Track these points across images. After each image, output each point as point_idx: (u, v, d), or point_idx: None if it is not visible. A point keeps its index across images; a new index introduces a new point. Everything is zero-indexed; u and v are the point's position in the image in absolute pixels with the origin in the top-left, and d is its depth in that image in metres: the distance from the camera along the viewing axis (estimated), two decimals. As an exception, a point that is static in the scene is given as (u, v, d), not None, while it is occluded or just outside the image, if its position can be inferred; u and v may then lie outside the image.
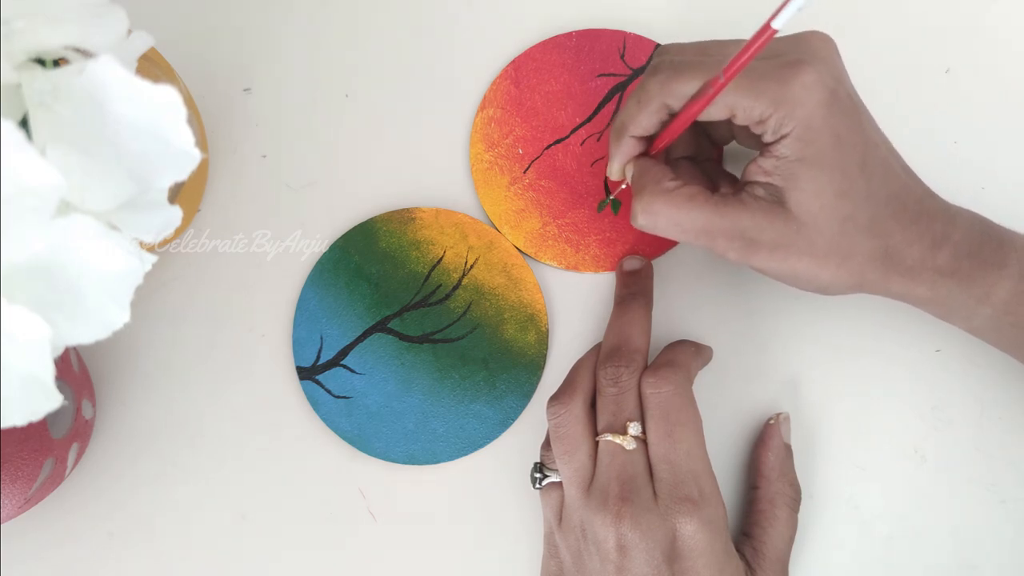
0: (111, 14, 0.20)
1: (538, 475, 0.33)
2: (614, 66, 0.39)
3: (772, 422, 0.35)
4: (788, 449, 0.35)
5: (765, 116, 0.29)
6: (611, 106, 0.39)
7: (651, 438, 0.31)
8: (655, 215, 0.31)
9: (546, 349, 0.37)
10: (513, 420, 0.36)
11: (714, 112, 0.29)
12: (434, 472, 0.36)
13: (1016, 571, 0.35)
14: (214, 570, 0.36)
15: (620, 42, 0.39)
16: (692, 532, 0.29)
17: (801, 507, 0.34)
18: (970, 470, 0.36)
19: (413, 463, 0.36)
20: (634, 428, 0.31)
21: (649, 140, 0.33)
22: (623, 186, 0.35)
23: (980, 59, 0.40)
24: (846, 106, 0.29)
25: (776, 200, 0.30)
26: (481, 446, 0.36)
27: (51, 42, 0.20)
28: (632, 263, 0.37)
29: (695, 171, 0.34)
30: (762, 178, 0.30)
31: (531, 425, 0.36)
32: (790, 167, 0.29)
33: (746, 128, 0.31)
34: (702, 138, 0.35)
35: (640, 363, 0.33)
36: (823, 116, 0.28)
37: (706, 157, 0.35)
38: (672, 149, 0.34)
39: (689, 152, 0.35)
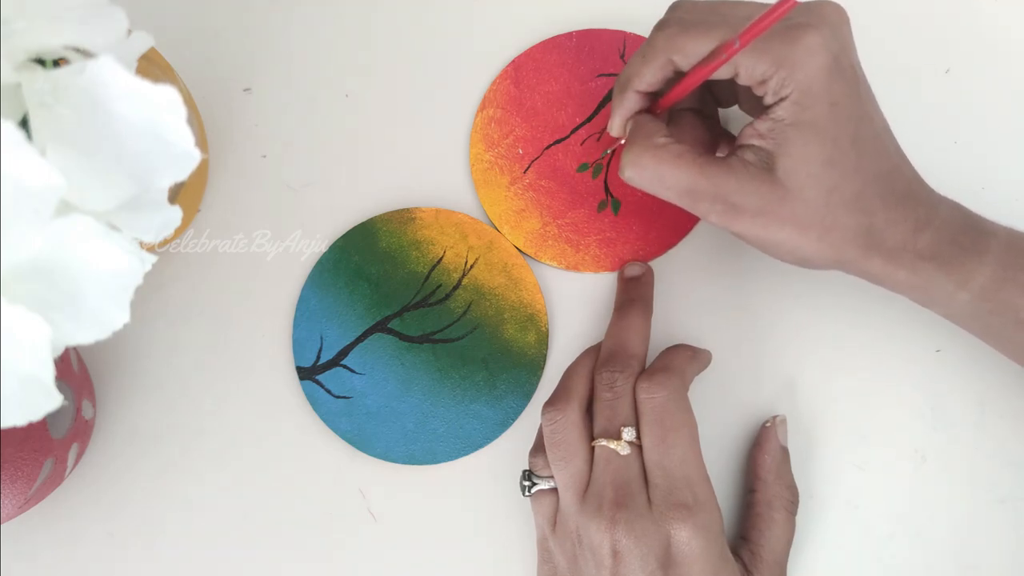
0: (111, 14, 0.20)
1: (527, 483, 0.33)
2: (614, 66, 0.39)
3: (768, 425, 0.35)
4: (785, 452, 0.35)
5: (767, 76, 0.28)
6: (611, 106, 0.39)
7: (645, 444, 0.31)
8: (641, 168, 0.31)
9: (546, 349, 0.37)
10: (513, 420, 0.36)
11: (719, 71, 0.29)
12: (434, 472, 0.36)
13: (1016, 571, 0.35)
14: (214, 570, 0.36)
15: (620, 42, 0.39)
16: (686, 538, 0.29)
17: (800, 507, 0.34)
18: (970, 470, 0.36)
19: (413, 463, 0.36)
20: (628, 433, 0.31)
21: (652, 97, 0.32)
22: (622, 142, 0.35)
23: (980, 59, 0.40)
24: (847, 75, 0.29)
25: (765, 166, 0.29)
26: (481, 446, 0.36)
27: (51, 42, 0.20)
28: (633, 269, 0.37)
29: (698, 123, 0.33)
30: (756, 141, 0.30)
31: (531, 426, 0.36)
32: (784, 131, 0.29)
33: (748, 90, 0.30)
34: (707, 95, 0.35)
35: (636, 368, 0.33)
36: (823, 81, 0.28)
37: (710, 113, 0.35)
38: (676, 103, 0.34)
39: (694, 105, 0.34)
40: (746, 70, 0.29)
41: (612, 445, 0.31)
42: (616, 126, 0.33)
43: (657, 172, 0.30)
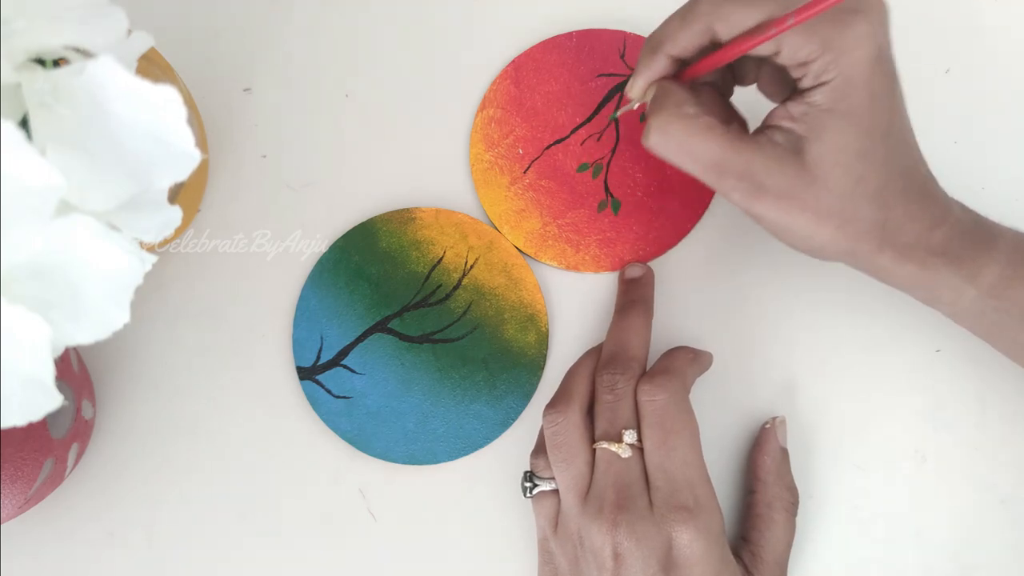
0: (111, 14, 0.20)
1: (528, 484, 0.33)
2: (614, 66, 0.39)
3: (768, 426, 0.35)
4: (784, 453, 0.35)
5: (811, 58, 0.28)
6: (611, 106, 0.39)
7: (647, 446, 0.31)
8: (668, 137, 0.29)
9: (546, 349, 0.37)
10: (513, 420, 0.36)
11: (760, 46, 0.28)
12: (434, 472, 0.36)
13: (1016, 571, 0.35)
14: (214, 570, 0.36)
15: (620, 42, 0.39)
16: (688, 541, 0.29)
17: (800, 507, 0.34)
18: (970, 470, 0.36)
19: (413, 463, 0.36)
20: (629, 436, 0.31)
21: (679, 63, 0.31)
22: (633, 107, 0.33)
23: (980, 59, 0.40)
24: (888, 68, 0.29)
25: (794, 149, 0.29)
26: (481, 446, 0.36)
27: (51, 42, 0.20)
28: (634, 271, 0.37)
29: (717, 100, 0.32)
30: (786, 123, 0.29)
31: (531, 426, 0.36)
32: (819, 117, 0.28)
33: (777, 71, 0.30)
34: (727, 72, 0.34)
35: (637, 370, 0.33)
36: (867, 72, 0.28)
37: (726, 91, 0.34)
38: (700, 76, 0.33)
39: (714, 81, 0.33)
40: (790, 49, 0.28)
41: (613, 447, 0.31)
42: (637, 88, 0.31)
43: (685, 142, 0.29)
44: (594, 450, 0.31)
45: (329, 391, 0.36)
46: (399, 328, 0.37)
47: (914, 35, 0.40)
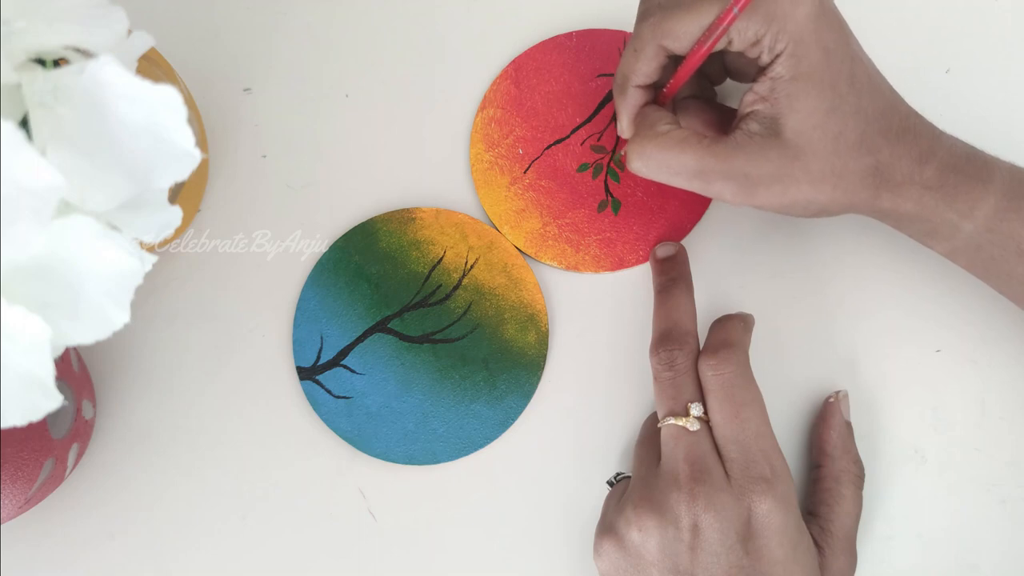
0: (111, 14, 0.20)
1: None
2: (614, 66, 0.39)
3: (832, 400, 0.35)
4: (849, 426, 0.35)
5: (760, 35, 0.29)
6: (611, 106, 0.39)
7: (716, 419, 0.31)
8: (647, 158, 0.31)
9: (546, 349, 0.37)
10: (513, 420, 0.36)
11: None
12: (434, 472, 0.36)
13: (1016, 571, 0.35)
14: (214, 570, 0.36)
15: (620, 42, 0.39)
16: (767, 511, 0.29)
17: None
18: (970, 470, 0.36)
19: (413, 463, 0.36)
20: (696, 409, 0.31)
21: (653, 88, 0.32)
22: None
23: (980, 59, 0.40)
24: (833, 20, 0.29)
25: (771, 132, 0.29)
26: (481, 446, 0.36)
27: (51, 42, 0.20)
28: (666, 250, 0.37)
29: (705, 107, 0.33)
30: (759, 106, 0.30)
31: (531, 425, 0.36)
32: (785, 87, 0.29)
33: (738, 57, 0.30)
34: (702, 78, 0.35)
35: (693, 345, 0.33)
36: (812, 29, 0.28)
37: (709, 96, 0.35)
38: (678, 91, 0.34)
39: (694, 92, 0.34)
40: (739, 34, 0.29)
41: (680, 422, 0.31)
42: (625, 127, 0.33)
43: (663, 159, 0.30)
44: (659, 429, 0.32)
45: (329, 391, 0.36)
46: (399, 328, 0.37)
47: (914, 35, 0.40)
